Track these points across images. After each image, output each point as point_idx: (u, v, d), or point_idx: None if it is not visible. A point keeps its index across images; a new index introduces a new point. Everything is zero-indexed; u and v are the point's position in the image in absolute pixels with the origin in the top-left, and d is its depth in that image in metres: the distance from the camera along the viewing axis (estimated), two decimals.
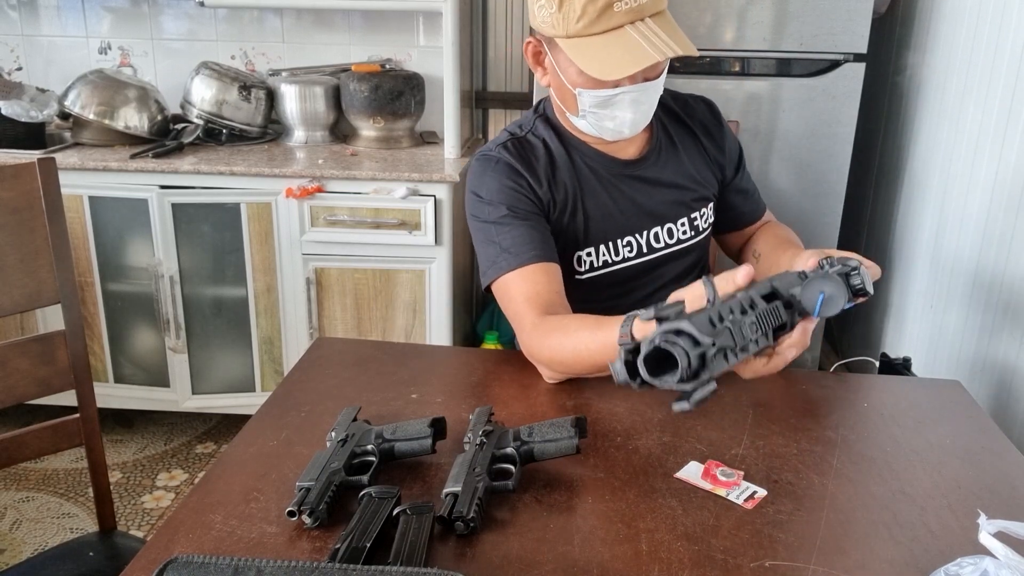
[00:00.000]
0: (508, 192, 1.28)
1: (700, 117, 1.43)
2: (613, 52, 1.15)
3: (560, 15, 1.16)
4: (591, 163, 1.34)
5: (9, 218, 1.25)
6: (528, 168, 1.31)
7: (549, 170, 1.32)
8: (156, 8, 2.78)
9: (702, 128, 1.42)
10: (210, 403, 2.52)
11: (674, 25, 1.19)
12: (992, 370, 1.76)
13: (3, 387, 1.27)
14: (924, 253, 2.19)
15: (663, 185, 1.36)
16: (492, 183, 1.29)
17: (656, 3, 1.17)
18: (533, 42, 1.28)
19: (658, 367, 0.77)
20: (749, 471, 1.00)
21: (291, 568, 0.73)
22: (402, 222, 2.29)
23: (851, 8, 2.19)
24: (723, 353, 0.79)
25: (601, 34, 1.15)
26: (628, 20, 1.15)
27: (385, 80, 2.54)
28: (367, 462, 0.98)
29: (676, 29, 1.19)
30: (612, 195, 1.34)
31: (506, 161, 1.30)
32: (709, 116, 1.44)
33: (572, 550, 0.86)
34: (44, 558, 1.33)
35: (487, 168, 1.31)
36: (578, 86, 1.22)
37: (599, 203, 1.34)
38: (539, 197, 1.30)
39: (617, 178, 1.34)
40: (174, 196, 2.31)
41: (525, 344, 1.21)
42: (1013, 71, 1.76)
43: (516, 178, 1.29)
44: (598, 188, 1.34)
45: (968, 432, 1.13)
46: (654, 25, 1.16)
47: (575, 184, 1.33)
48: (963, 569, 0.77)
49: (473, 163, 1.34)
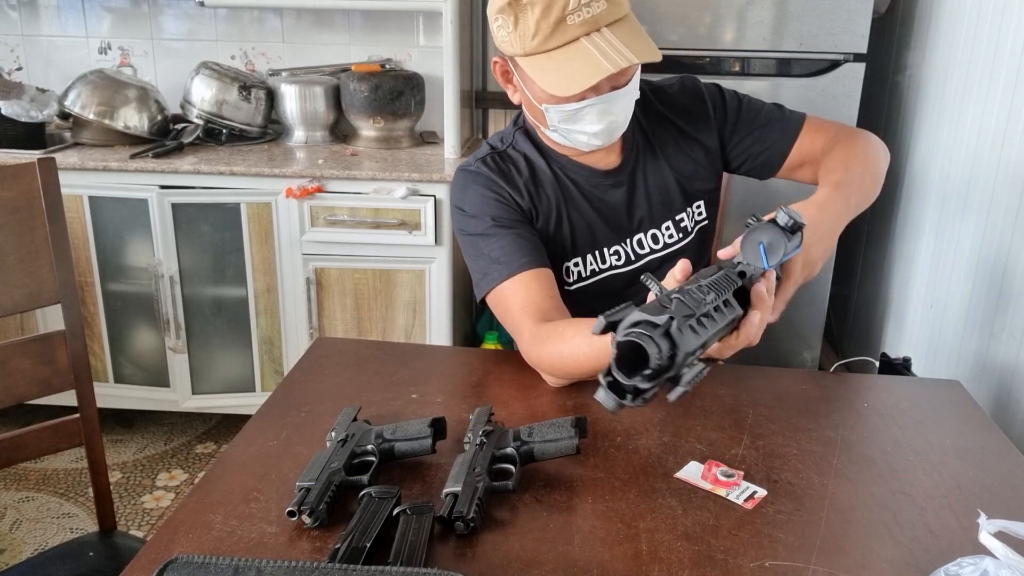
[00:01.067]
0: (491, 203, 1.28)
1: (679, 101, 1.38)
2: (571, 66, 1.13)
3: (516, 34, 1.16)
4: (572, 175, 1.33)
5: (9, 218, 1.25)
6: (508, 181, 1.31)
7: (531, 183, 1.32)
8: (156, 8, 2.78)
9: (683, 113, 1.37)
10: (210, 403, 2.52)
11: (636, 31, 1.17)
12: (992, 370, 1.76)
13: (3, 387, 1.27)
14: (924, 253, 2.19)
15: (644, 191, 1.35)
16: (474, 196, 1.29)
17: (613, 11, 1.14)
18: (500, 61, 1.27)
19: (636, 368, 0.75)
20: (749, 471, 1.00)
21: (291, 568, 0.73)
22: (402, 222, 2.29)
23: (851, 8, 2.19)
24: (690, 326, 0.76)
25: (557, 49, 1.14)
26: (583, 32, 1.13)
27: (385, 80, 2.54)
28: (367, 462, 0.98)
29: (638, 35, 1.16)
30: (595, 205, 1.33)
31: (486, 174, 1.31)
32: (687, 97, 1.38)
33: (572, 550, 0.86)
34: (44, 558, 1.33)
35: (468, 182, 1.31)
36: (543, 102, 1.21)
37: (582, 214, 1.33)
38: (522, 208, 1.30)
39: (598, 188, 1.34)
40: (174, 196, 2.31)
41: (525, 354, 1.21)
42: (1013, 71, 1.76)
43: (497, 189, 1.29)
44: (580, 199, 1.33)
45: (968, 432, 1.13)
46: (610, 35, 1.13)
47: (558, 196, 1.32)
48: (963, 569, 0.77)
49: (455, 177, 1.34)
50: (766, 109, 1.39)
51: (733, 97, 1.40)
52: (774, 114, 1.38)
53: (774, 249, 0.91)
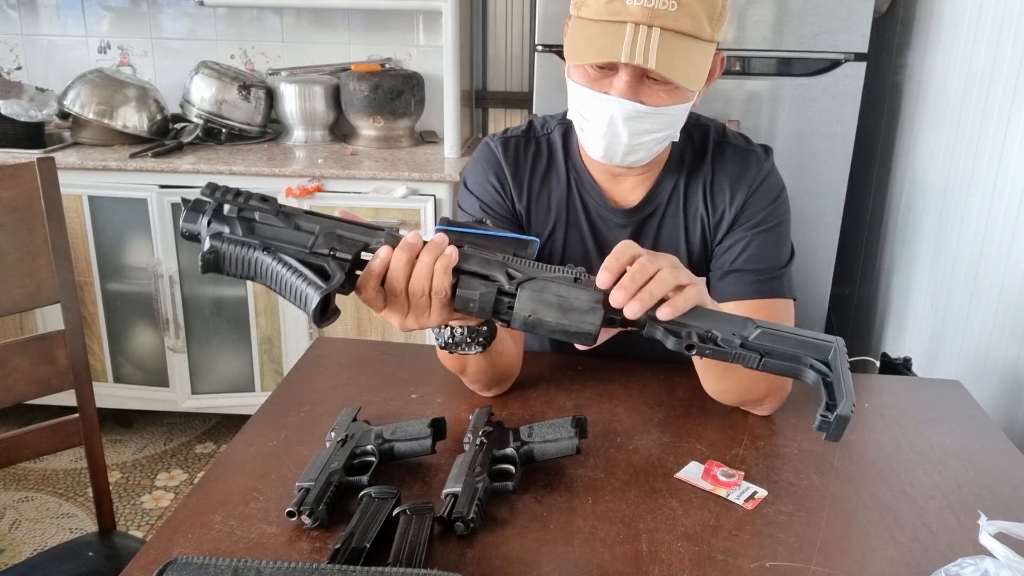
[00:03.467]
0: (489, 190, 1.25)
1: (728, 168, 1.22)
2: (599, 40, 1.05)
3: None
4: (585, 195, 1.24)
5: (8, 218, 1.25)
6: (516, 176, 1.24)
7: (540, 187, 1.25)
8: (155, 7, 2.78)
9: (725, 181, 1.22)
10: (210, 403, 2.52)
11: (689, 52, 1.04)
12: (993, 370, 1.76)
13: (2, 387, 1.27)
14: (924, 253, 2.19)
15: (648, 245, 1.22)
16: (478, 174, 1.26)
17: (679, 20, 1.02)
18: (568, 23, 1.18)
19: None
20: (749, 471, 1.00)
21: (291, 569, 0.73)
22: (402, 222, 2.29)
23: (851, 7, 2.18)
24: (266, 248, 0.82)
25: (605, 21, 1.05)
26: (635, 19, 1.03)
27: (385, 80, 2.54)
28: (367, 462, 0.97)
29: (686, 55, 1.04)
30: (597, 238, 1.25)
31: (498, 159, 1.25)
32: (740, 169, 1.22)
33: (572, 550, 0.86)
34: (44, 558, 1.33)
35: (480, 156, 1.27)
36: (571, 75, 1.13)
37: (580, 240, 1.26)
38: (515, 210, 1.25)
39: (604, 221, 1.25)
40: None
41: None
42: (1013, 71, 1.76)
43: (501, 178, 1.25)
44: (584, 225, 1.25)
45: (968, 432, 1.13)
46: (657, 36, 1.02)
47: (562, 210, 1.25)
48: (963, 570, 0.77)
49: (481, 143, 1.29)
50: (772, 253, 1.21)
51: (768, 212, 1.22)
52: (772, 263, 1.21)
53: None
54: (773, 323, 0.84)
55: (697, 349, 0.83)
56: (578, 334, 0.83)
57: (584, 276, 0.86)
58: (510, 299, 0.83)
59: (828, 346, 0.83)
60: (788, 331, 0.84)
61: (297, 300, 0.81)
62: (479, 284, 0.84)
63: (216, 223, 0.82)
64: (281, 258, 0.82)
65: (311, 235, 0.83)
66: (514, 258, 0.85)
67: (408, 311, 0.87)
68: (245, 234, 0.82)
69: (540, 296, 0.83)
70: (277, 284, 0.82)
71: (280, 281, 0.82)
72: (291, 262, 0.81)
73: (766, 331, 0.82)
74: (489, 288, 0.83)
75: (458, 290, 0.84)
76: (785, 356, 0.83)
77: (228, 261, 0.82)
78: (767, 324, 0.83)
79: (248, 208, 0.83)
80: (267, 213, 0.83)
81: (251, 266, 0.82)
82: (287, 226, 0.83)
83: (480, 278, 0.84)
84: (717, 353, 0.83)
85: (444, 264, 0.83)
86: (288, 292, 0.82)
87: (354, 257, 0.84)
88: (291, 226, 0.83)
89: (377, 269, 0.84)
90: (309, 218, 0.84)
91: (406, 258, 0.84)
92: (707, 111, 1.26)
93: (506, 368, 1.15)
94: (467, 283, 0.84)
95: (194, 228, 0.83)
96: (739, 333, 0.82)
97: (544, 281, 0.84)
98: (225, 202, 0.82)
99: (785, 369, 0.83)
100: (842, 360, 0.82)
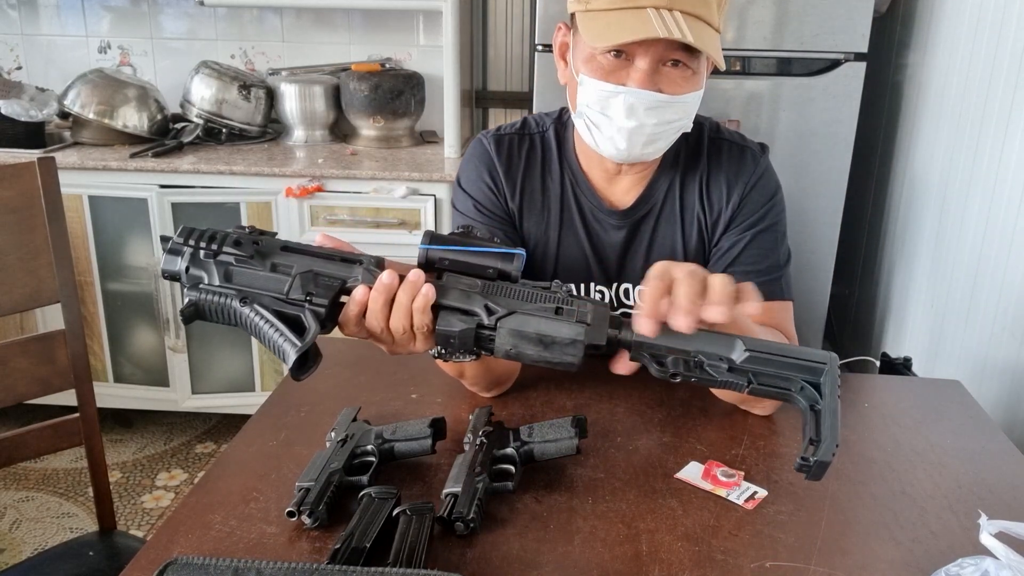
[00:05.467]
0: (483, 188, 1.24)
1: (725, 165, 1.22)
2: (623, 21, 1.02)
3: None
4: (580, 196, 1.23)
5: (9, 218, 1.25)
6: (509, 173, 1.24)
7: (534, 185, 1.24)
8: (156, 7, 2.78)
9: (722, 178, 1.22)
10: (210, 403, 2.52)
11: (710, 32, 1.04)
12: (993, 370, 1.76)
13: (3, 386, 1.27)
14: (924, 253, 2.19)
15: (645, 246, 1.24)
16: (471, 172, 1.26)
17: (692, 3, 1.02)
18: (563, 28, 1.17)
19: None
20: (749, 471, 1.00)
21: (291, 570, 0.73)
22: (402, 222, 2.29)
23: (851, 7, 2.18)
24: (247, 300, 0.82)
25: (620, 9, 1.04)
26: (654, 4, 1.02)
27: (385, 79, 2.54)
28: (367, 462, 0.97)
29: (710, 36, 1.04)
30: (591, 239, 1.24)
31: (492, 156, 1.24)
32: (736, 166, 1.22)
33: (572, 550, 0.86)
34: (44, 558, 1.33)
35: (473, 153, 1.27)
36: (581, 71, 1.10)
37: (575, 241, 1.25)
38: (508, 207, 1.24)
39: (600, 223, 1.24)
40: (174, 195, 2.31)
41: None
42: (1013, 71, 1.76)
43: (495, 175, 1.24)
44: (578, 226, 1.24)
45: (968, 432, 1.13)
46: (680, 17, 1.01)
47: (558, 212, 1.24)
48: (964, 570, 0.77)
49: (473, 141, 1.29)
50: (770, 253, 1.21)
51: (764, 211, 1.22)
52: (771, 263, 1.21)
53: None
54: (763, 342, 0.83)
55: (682, 378, 0.82)
56: (561, 364, 0.83)
57: (567, 300, 0.84)
58: (491, 332, 0.83)
59: (820, 368, 0.81)
60: (779, 351, 0.82)
61: (276, 353, 0.82)
62: (458, 321, 0.83)
63: (194, 269, 0.83)
64: (257, 310, 0.82)
65: (287, 277, 0.83)
66: (495, 285, 0.85)
67: (393, 343, 0.88)
68: (223, 282, 0.82)
69: (520, 332, 0.83)
70: (257, 335, 0.83)
71: (259, 333, 0.82)
72: (267, 315, 0.82)
73: (755, 354, 0.81)
74: (468, 324, 0.83)
75: (437, 327, 0.84)
76: (775, 379, 0.82)
77: (208, 311, 0.83)
78: (757, 345, 0.82)
79: (224, 253, 0.83)
80: (242, 257, 0.83)
81: (230, 316, 0.83)
82: (263, 268, 0.83)
83: (460, 312, 0.84)
84: (703, 380, 0.82)
85: (422, 303, 0.83)
86: (268, 344, 0.83)
87: (331, 302, 0.84)
88: (267, 267, 0.83)
89: (355, 313, 0.85)
90: (286, 255, 0.84)
91: (383, 300, 0.84)
92: (707, 111, 1.26)
93: (505, 370, 1.15)
94: (446, 319, 0.84)
95: (174, 270, 0.83)
96: (726, 356, 0.81)
97: (524, 316, 0.83)
98: (200, 249, 0.83)
99: (775, 394, 0.82)
100: (833, 385, 0.80)
